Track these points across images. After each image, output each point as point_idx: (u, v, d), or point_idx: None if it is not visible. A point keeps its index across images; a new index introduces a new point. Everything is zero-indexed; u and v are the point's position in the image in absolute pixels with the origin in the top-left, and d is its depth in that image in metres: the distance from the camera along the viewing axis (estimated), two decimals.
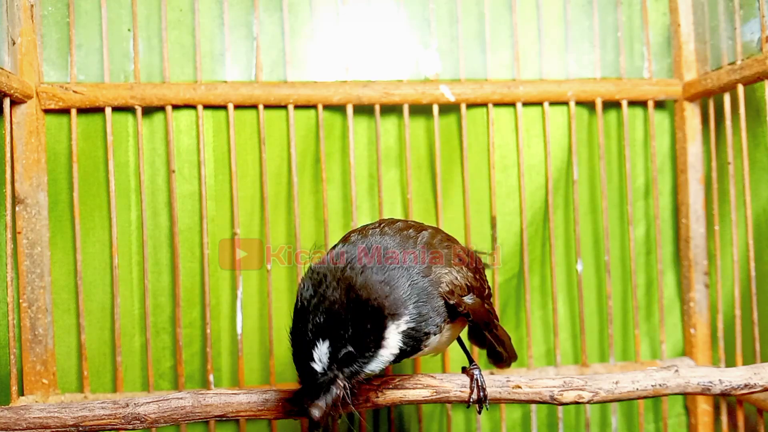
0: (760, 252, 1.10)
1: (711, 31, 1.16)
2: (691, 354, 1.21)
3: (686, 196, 1.20)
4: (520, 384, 0.80)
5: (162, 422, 0.75)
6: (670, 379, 0.81)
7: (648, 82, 1.20)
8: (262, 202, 1.14)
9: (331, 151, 1.16)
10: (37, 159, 1.06)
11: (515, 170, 1.20)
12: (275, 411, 0.76)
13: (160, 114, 1.12)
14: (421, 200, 1.19)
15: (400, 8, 1.19)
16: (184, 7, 1.14)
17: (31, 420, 0.73)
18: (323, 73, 1.17)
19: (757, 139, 1.11)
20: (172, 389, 1.12)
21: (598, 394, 0.80)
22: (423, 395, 0.79)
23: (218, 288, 1.13)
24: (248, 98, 1.11)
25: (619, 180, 1.23)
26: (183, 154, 1.13)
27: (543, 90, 1.17)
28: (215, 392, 0.77)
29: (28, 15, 1.06)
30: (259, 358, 1.15)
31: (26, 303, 1.04)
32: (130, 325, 1.11)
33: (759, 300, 1.05)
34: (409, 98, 1.14)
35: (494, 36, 1.20)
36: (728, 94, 1.10)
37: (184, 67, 1.14)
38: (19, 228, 1.04)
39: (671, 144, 1.24)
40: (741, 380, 0.82)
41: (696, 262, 1.19)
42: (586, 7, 1.22)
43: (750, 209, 1.07)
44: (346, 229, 1.16)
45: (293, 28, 1.17)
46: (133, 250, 1.12)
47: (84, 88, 1.08)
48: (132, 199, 1.12)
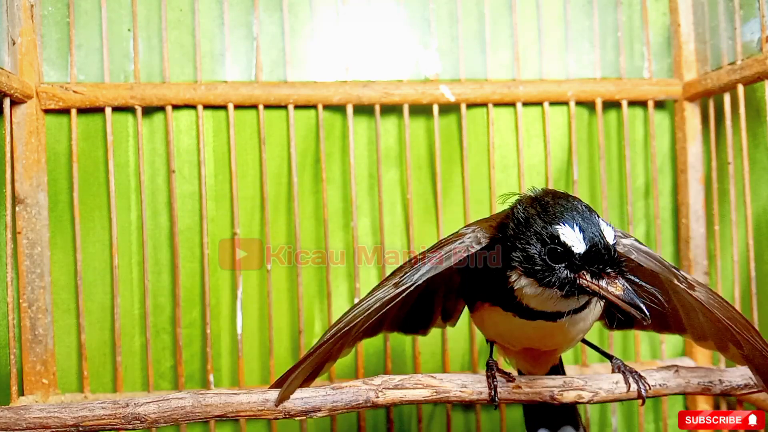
0: (760, 252, 1.10)
1: (711, 31, 1.15)
2: (691, 354, 1.21)
3: (686, 196, 1.20)
4: (520, 384, 0.80)
5: (162, 422, 0.75)
6: (670, 379, 0.81)
7: (648, 82, 1.20)
8: (262, 202, 1.14)
9: (331, 151, 1.16)
10: (37, 159, 1.06)
11: (515, 170, 1.20)
12: (275, 411, 0.76)
13: (160, 114, 1.12)
14: (421, 200, 1.19)
15: (400, 8, 1.19)
16: (184, 7, 1.14)
17: (31, 420, 0.73)
18: (323, 73, 1.17)
19: (757, 139, 1.11)
20: (172, 389, 1.12)
21: (598, 394, 0.80)
22: (423, 395, 0.79)
23: (218, 288, 1.13)
24: (248, 98, 1.11)
25: (619, 180, 1.23)
26: (183, 154, 1.13)
27: (543, 90, 1.17)
28: (215, 392, 0.77)
29: (28, 15, 1.06)
30: (259, 358, 1.15)
31: (26, 303, 1.04)
32: (130, 325, 1.11)
33: (759, 300, 1.05)
34: (409, 98, 1.14)
35: (494, 36, 1.20)
36: (728, 94, 1.10)
37: (184, 67, 1.14)
38: (19, 228, 1.04)
39: (671, 144, 1.24)
40: (741, 380, 0.82)
41: (696, 262, 1.19)
42: (586, 7, 1.22)
43: (750, 209, 1.07)
44: (346, 229, 1.16)
45: (293, 28, 1.17)
46: (133, 250, 1.12)
47: (84, 88, 1.08)
48: (132, 199, 1.12)
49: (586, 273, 0.66)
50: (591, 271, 0.66)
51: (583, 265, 0.66)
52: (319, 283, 1.16)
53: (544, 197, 0.71)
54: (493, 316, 0.79)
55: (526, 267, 0.69)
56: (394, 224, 1.18)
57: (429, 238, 1.17)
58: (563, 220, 0.67)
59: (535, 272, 0.68)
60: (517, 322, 0.75)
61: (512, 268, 0.70)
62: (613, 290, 0.65)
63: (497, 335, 0.85)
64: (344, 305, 1.16)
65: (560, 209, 0.68)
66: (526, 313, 0.73)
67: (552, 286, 0.67)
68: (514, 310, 0.74)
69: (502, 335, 0.84)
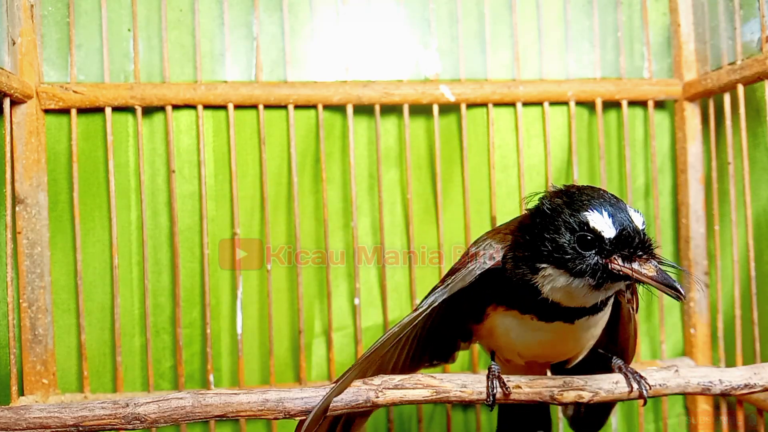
0: (760, 252, 1.10)
1: (711, 31, 1.15)
2: (691, 354, 1.21)
3: (686, 196, 1.20)
4: (520, 384, 0.80)
5: (162, 422, 0.75)
6: (670, 379, 0.81)
7: (648, 82, 1.20)
8: (262, 202, 1.14)
9: (331, 151, 1.16)
10: (37, 159, 1.06)
11: (515, 170, 1.20)
12: (275, 411, 0.76)
13: (160, 114, 1.12)
14: (421, 200, 1.19)
15: (400, 8, 1.19)
16: (184, 7, 1.14)
17: (31, 420, 0.73)
18: (323, 73, 1.17)
19: (757, 139, 1.11)
20: (172, 389, 1.12)
21: (598, 394, 0.80)
22: (423, 395, 0.79)
23: (218, 288, 1.13)
24: (248, 98, 1.11)
25: (619, 180, 1.23)
26: (183, 154, 1.13)
27: (543, 90, 1.17)
28: (215, 392, 0.77)
29: (28, 15, 1.06)
30: (259, 358, 1.15)
31: (26, 303, 1.04)
32: (130, 325, 1.11)
33: (759, 300, 1.05)
34: (409, 98, 1.14)
35: (494, 36, 1.20)
36: (728, 94, 1.10)
37: (184, 67, 1.14)
38: (19, 228, 1.04)
39: (671, 144, 1.24)
40: (741, 380, 0.81)
41: (696, 262, 1.19)
42: (586, 7, 1.22)
43: (750, 209, 1.07)
44: (346, 229, 1.16)
45: (293, 28, 1.17)
46: (133, 250, 1.12)
47: (84, 88, 1.08)
48: (132, 199, 1.12)
49: (618, 258, 0.66)
50: (622, 255, 0.66)
51: (614, 249, 0.66)
52: (319, 283, 1.16)
53: (570, 189, 0.71)
54: (506, 321, 0.78)
55: (555, 258, 0.68)
56: (394, 224, 1.18)
57: (429, 238, 1.17)
58: (591, 207, 0.67)
59: (565, 261, 0.67)
60: (532, 325, 0.75)
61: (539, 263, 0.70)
62: (646, 272, 0.65)
63: (506, 344, 0.84)
64: (344, 305, 1.16)
65: (587, 198, 0.68)
66: (546, 314, 0.73)
67: (584, 275, 0.67)
68: (534, 311, 0.74)
69: (512, 343, 0.83)
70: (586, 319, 0.73)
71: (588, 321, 0.74)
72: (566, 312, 0.72)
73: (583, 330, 0.76)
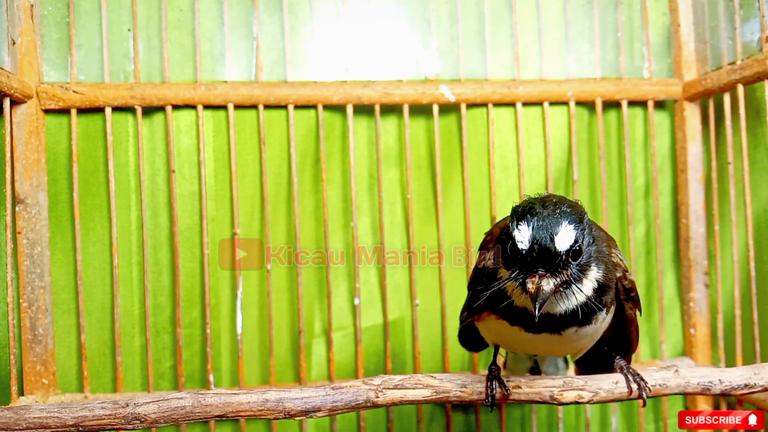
0: (760, 252, 1.10)
1: (711, 31, 1.16)
2: (691, 354, 1.21)
3: (686, 196, 1.20)
4: (520, 384, 0.80)
5: (162, 422, 0.75)
6: (670, 379, 0.81)
7: (648, 82, 1.20)
8: (262, 202, 1.14)
9: (331, 151, 1.16)
10: (37, 159, 1.06)
11: (515, 170, 1.20)
12: (275, 411, 0.76)
13: (160, 114, 1.12)
14: (421, 200, 1.19)
15: (400, 8, 1.19)
16: (184, 7, 1.14)
17: (31, 420, 0.73)
18: (323, 73, 1.17)
19: (757, 139, 1.11)
20: (172, 389, 1.12)
21: (598, 394, 0.80)
22: (423, 395, 0.79)
23: (218, 288, 1.13)
24: (248, 98, 1.11)
25: (619, 180, 1.23)
26: (183, 154, 1.13)
27: (543, 90, 1.17)
28: (215, 392, 0.77)
29: (28, 15, 1.06)
30: (259, 358, 1.15)
31: (26, 303, 1.04)
32: (130, 325, 1.11)
33: (759, 300, 1.05)
34: (409, 98, 1.14)
35: (494, 36, 1.20)
36: (728, 94, 1.10)
37: (184, 67, 1.14)
38: (19, 228, 1.04)
39: (671, 144, 1.24)
40: (741, 380, 0.82)
41: (696, 262, 1.19)
42: (586, 7, 1.22)
43: (750, 209, 1.07)
44: (346, 229, 1.16)
45: (293, 28, 1.17)
46: (133, 250, 1.12)
47: (84, 88, 1.08)
48: (132, 199, 1.12)
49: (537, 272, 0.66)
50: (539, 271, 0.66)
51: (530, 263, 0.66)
52: (319, 283, 1.16)
53: (536, 199, 0.71)
54: (500, 328, 0.79)
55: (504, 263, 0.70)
56: (394, 224, 1.18)
57: (429, 238, 1.17)
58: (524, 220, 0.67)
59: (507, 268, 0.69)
60: (522, 335, 0.76)
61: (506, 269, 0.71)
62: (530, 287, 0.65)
63: (505, 344, 0.86)
64: (344, 305, 1.16)
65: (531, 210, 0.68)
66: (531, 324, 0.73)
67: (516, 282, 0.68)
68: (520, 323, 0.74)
69: (509, 345, 0.86)
70: (575, 330, 0.74)
71: (577, 332, 0.74)
72: (550, 323, 0.72)
73: (573, 341, 0.76)
